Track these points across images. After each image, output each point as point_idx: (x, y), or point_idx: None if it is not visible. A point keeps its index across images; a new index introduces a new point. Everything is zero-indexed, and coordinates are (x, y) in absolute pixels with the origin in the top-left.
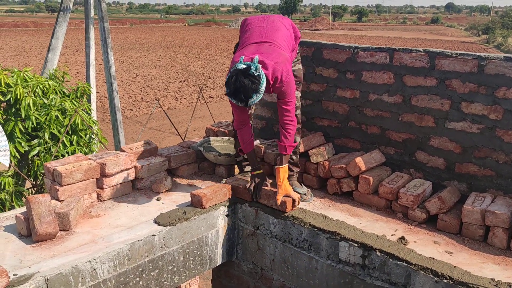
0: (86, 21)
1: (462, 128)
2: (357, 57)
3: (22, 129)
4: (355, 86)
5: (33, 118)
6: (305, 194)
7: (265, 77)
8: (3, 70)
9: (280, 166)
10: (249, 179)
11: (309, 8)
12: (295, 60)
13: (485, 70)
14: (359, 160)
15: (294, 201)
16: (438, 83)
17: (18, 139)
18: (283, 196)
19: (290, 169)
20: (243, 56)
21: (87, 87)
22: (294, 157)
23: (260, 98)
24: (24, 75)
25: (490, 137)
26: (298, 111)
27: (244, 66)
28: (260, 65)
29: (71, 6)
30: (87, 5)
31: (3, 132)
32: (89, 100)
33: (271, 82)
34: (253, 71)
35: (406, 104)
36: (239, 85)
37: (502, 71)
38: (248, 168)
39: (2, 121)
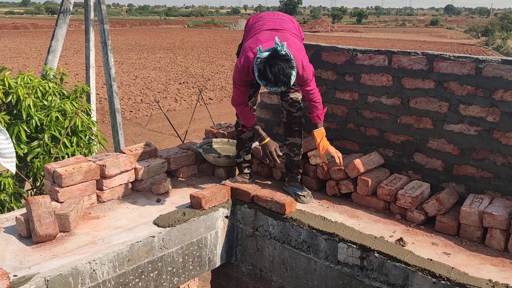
0: (86, 23)
1: (460, 130)
2: (355, 60)
3: (27, 130)
4: (354, 88)
5: (36, 118)
6: (304, 196)
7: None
8: (3, 69)
9: (315, 130)
10: (247, 180)
11: (308, 10)
12: None
13: (483, 72)
14: (357, 162)
15: (297, 199)
16: (436, 85)
17: (19, 142)
18: (286, 197)
19: (291, 171)
20: (261, 46)
21: (85, 86)
22: (295, 159)
23: (295, 78)
24: (28, 78)
25: (487, 139)
26: (300, 113)
27: (267, 53)
28: (285, 43)
29: (71, 8)
30: (87, 7)
31: (10, 139)
32: (88, 101)
33: None
34: (281, 52)
35: (404, 106)
36: (277, 69)
37: (499, 73)
38: (247, 170)
39: (6, 125)
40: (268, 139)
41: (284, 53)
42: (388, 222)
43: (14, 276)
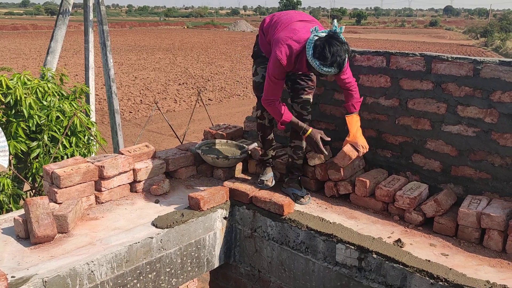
0: (85, 24)
1: (458, 131)
2: (354, 61)
3: (26, 128)
4: None
5: (36, 117)
6: (303, 197)
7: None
8: (3, 68)
9: (348, 115)
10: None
11: (308, 11)
12: None
13: (481, 74)
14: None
15: (295, 200)
16: (434, 86)
17: (21, 139)
18: (284, 198)
19: (292, 172)
20: (316, 26)
21: (84, 87)
22: (298, 162)
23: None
24: (25, 78)
25: (485, 140)
26: (310, 116)
27: (325, 34)
28: (343, 26)
29: (70, 9)
30: (86, 8)
31: (2, 133)
32: (87, 102)
33: None
34: (339, 34)
35: (402, 107)
36: (335, 49)
37: (497, 75)
38: (269, 171)
39: (4, 122)
40: (310, 129)
41: (341, 36)
42: (386, 223)
43: (12, 277)
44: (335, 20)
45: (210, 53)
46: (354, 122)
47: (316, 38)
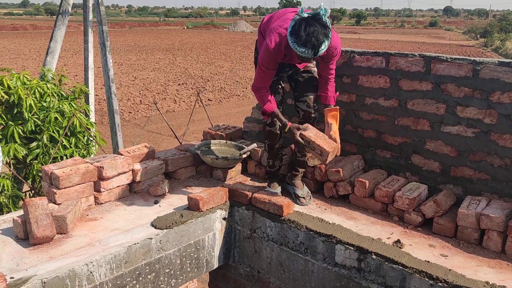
0: (85, 24)
1: (457, 132)
2: (353, 61)
3: (21, 133)
4: (352, 90)
5: (32, 121)
6: (303, 198)
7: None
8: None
9: (331, 109)
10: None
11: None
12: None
13: (480, 74)
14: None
15: (295, 200)
16: (433, 87)
17: (16, 145)
18: (284, 198)
19: (295, 169)
20: (303, 8)
21: (84, 87)
22: (301, 158)
23: (327, 47)
24: (24, 78)
25: (485, 141)
26: (317, 114)
27: (308, 15)
28: (329, 9)
29: (69, 9)
30: (86, 8)
31: None
32: (87, 102)
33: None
34: (322, 16)
35: (402, 108)
36: (312, 30)
37: (496, 75)
38: (276, 186)
39: (3, 123)
40: (289, 124)
41: (324, 19)
42: (386, 224)
43: (11, 278)
44: (322, 3)
45: (209, 53)
46: (337, 116)
47: (297, 17)
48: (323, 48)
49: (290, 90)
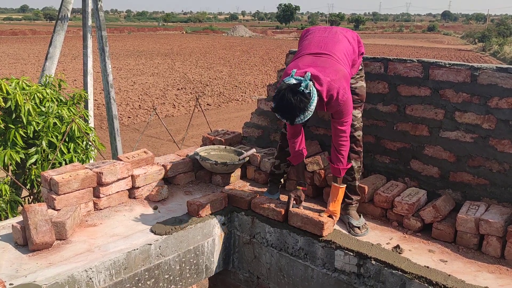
0: (84, 29)
1: (456, 137)
2: None
3: (24, 135)
4: None
5: (34, 123)
6: (358, 228)
7: (316, 95)
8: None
9: (335, 184)
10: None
11: (306, 16)
12: (357, 76)
13: (478, 80)
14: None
15: (349, 230)
16: (432, 92)
17: (16, 148)
18: (283, 204)
19: (348, 197)
20: (295, 70)
21: (83, 93)
22: (353, 183)
23: (309, 116)
24: (23, 83)
25: (483, 146)
26: (360, 132)
27: (294, 82)
28: (311, 82)
29: (69, 14)
30: (85, 13)
31: None
32: (86, 107)
33: (325, 100)
34: (303, 88)
35: (400, 113)
36: (286, 103)
37: (494, 81)
38: (276, 190)
39: (3, 128)
40: (301, 188)
41: (307, 92)
42: (385, 229)
43: (10, 284)
44: (309, 73)
45: (208, 58)
46: (336, 192)
47: (282, 83)
48: (299, 120)
49: None
